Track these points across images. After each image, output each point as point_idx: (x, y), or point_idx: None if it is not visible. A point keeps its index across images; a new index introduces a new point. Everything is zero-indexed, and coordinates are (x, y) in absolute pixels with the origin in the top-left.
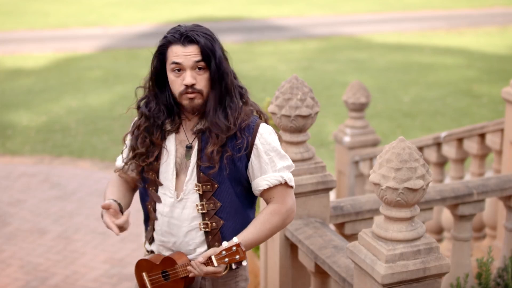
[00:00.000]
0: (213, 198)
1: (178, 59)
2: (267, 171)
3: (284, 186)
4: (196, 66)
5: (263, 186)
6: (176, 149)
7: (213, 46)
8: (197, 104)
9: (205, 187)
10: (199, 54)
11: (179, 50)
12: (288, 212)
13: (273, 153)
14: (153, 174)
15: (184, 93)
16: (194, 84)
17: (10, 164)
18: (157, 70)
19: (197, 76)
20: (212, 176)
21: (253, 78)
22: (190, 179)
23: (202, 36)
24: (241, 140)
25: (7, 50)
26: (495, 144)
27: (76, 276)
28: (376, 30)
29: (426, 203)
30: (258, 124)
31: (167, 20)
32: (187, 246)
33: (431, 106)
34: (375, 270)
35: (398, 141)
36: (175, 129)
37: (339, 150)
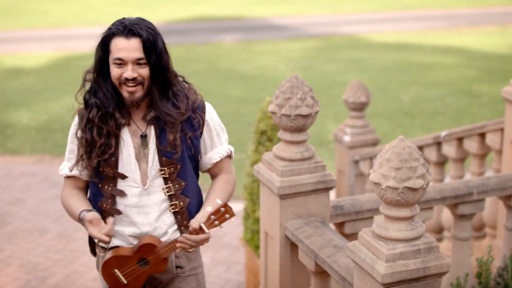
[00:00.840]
0: (177, 178)
1: (121, 54)
2: (216, 145)
3: (228, 157)
4: (137, 62)
5: (216, 158)
6: (132, 140)
7: (155, 40)
8: (137, 97)
9: (170, 169)
10: (141, 48)
11: (122, 43)
12: (234, 180)
13: (218, 127)
14: (111, 170)
15: (123, 83)
16: (136, 77)
17: (10, 163)
18: (101, 60)
19: (138, 69)
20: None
21: (253, 78)
22: (153, 165)
23: (145, 30)
24: (197, 120)
25: (7, 50)
26: (495, 143)
27: (76, 275)
28: (376, 29)
29: (426, 203)
30: (203, 103)
31: (167, 20)
32: (159, 230)
33: (431, 106)
34: (375, 270)
35: (398, 141)
36: (127, 122)
37: (339, 149)
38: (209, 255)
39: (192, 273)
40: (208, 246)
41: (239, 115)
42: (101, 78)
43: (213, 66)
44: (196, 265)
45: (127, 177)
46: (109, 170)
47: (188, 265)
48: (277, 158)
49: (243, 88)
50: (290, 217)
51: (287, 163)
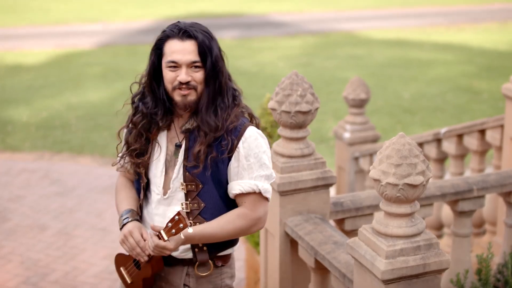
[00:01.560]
0: (197, 198)
1: (175, 56)
2: (243, 177)
3: (258, 195)
4: (192, 65)
5: (236, 190)
6: (167, 147)
7: (211, 44)
8: (190, 101)
9: (190, 186)
10: (196, 50)
11: (176, 45)
12: (255, 220)
13: (253, 160)
14: (143, 170)
15: (177, 88)
16: (189, 81)
17: (10, 160)
18: (154, 64)
19: (192, 73)
20: (196, 176)
21: (253, 74)
22: (177, 177)
23: (201, 33)
24: (226, 142)
25: (7, 46)
26: (495, 140)
27: (76, 272)
28: (375, 26)
29: (426, 199)
30: (245, 127)
31: (167, 17)
32: None
33: (431, 102)
34: (375, 266)
35: (398, 137)
36: (166, 126)
37: (339, 146)
38: None
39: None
40: None
41: None
42: (154, 83)
43: None
44: (211, 286)
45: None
46: (141, 170)
47: (197, 285)
48: (277, 155)
49: (243, 84)
50: (290, 214)
51: (287, 160)
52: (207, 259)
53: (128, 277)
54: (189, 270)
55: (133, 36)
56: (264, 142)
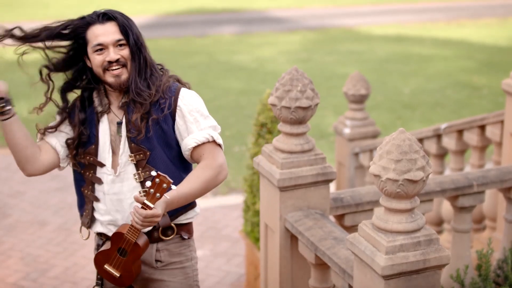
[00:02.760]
0: (147, 165)
1: (100, 39)
2: (194, 130)
3: (213, 144)
4: (117, 43)
5: (192, 144)
6: (110, 128)
7: (129, 23)
8: (123, 79)
9: (138, 156)
10: (118, 30)
11: (99, 29)
12: (219, 168)
13: (196, 113)
14: (91, 158)
15: (108, 68)
16: (119, 58)
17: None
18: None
19: (119, 51)
20: (141, 144)
21: (253, 70)
22: (124, 152)
23: (118, 14)
24: (164, 101)
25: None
26: (495, 135)
27: (76, 268)
28: (376, 21)
29: (426, 195)
30: (179, 87)
31: (167, 12)
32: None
33: (431, 98)
34: (375, 262)
35: (398, 133)
36: (106, 109)
37: (339, 141)
38: (209, 247)
39: (177, 267)
40: (208, 238)
41: (239, 108)
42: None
43: (213, 58)
44: (183, 258)
45: (105, 165)
46: (89, 158)
47: (169, 259)
48: (277, 150)
49: (243, 80)
50: (290, 209)
51: (287, 155)
52: (169, 223)
53: (115, 271)
54: (159, 246)
55: None
56: (201, 99)
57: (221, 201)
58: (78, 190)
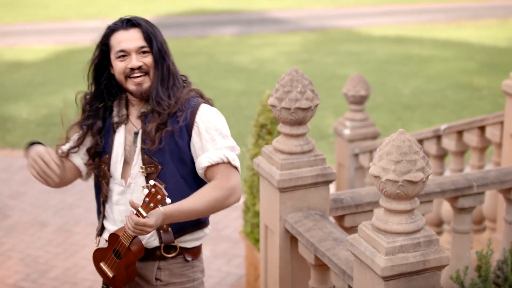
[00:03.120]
0: (158, 179)
1: (123, 45)
2: (209, 149)
3: (228, 165)
4: (140, 50)
5: (205, 163)
6: (126, 138)
7: (154, 30)
8: (145, 88)
9: (149, 169)
10: (142, 37)
11: (122, 36)
12: (231, 190)
13: (214, 132)
14: (105, 167)
15: (129, 76)
16: (141, 66)
17: (10, 156)
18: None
19: (142, 58)
20: (154, 156)
21: (253, 71)
22: (136, 163)
23: (143, 21)
24: (181, 113)
25: (7, 43)
26: (495, 136)
27: (76, 269)
28: (375, 22)
29: (426, 196)
30: (199, 103)
31: (167, 13)
32: None
33: (431, 99)
34: (375, 263)
35: (398, 134)
36: (123, 121)
37: (339, 142)
38: (209, 248)
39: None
40: (208, 239)
41: (239, 108)
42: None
43: (213, 59)
44: (184, 280)
45: (112, 176)
46: (103, 167)
47: (170, 279)
48: (277, 151)
49: (242, 81)
50: (290, 210)
51: (287, 156)
52: (172, 240)
53: (109, 270)
54: (160, 264)
55: None
56: (222, 118)
57: None
58: (97, 197)
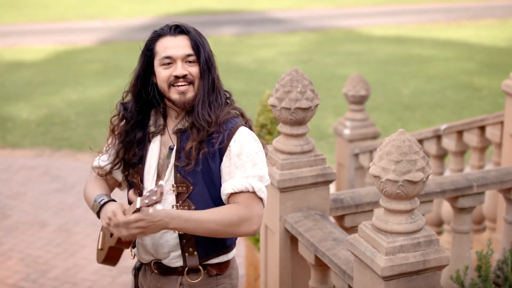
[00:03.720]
0: (188, 200)
1: (169, 52)
2: (236, 176)
3: (252, 195)
4: (187, 59)
5: (228, 190)
6: (160, 150)
7: (202, 39)
8: (189, 98)
9: (180, 188)
10: (189, 45)
11: (169, 42)
12: (248, 217)
13: (245, 158)
14: (137, 177)
15: (173, 84)
16: (186, 74)
17: (10, 156)
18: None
19: (188, 67)
20: (187, 175)
21: (253, 71)
22: (168, 180)
23: (192, 28)
24: (217, 135)
25: (7, 43)
26: (495, 136)
27: (76, 269)
28: (375, 22)
29: (426, 196)
30: (237, 126)
31: (167, 13)
32: (162, 249)
33: (431, 99)
34: (375, 263)
35: (398, 134)
36: (160, 131)
37: (339, 142)
38: None
39: None
40: None
41: None
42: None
43: None
44: None
45: (144, 188)
46: (135, 177)
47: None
48: (277, 151)
49: (242, 81)
50: (290, 210)
51: (287, 156)
52: (197, 265)
53: (101, 242)
54: (183, 280)
55: (133, 32)
56: (257, 144)
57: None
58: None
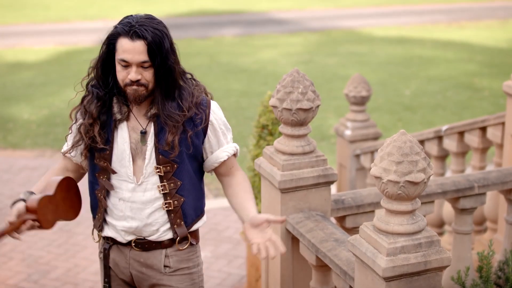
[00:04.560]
0: (173, 177)
1: (125, 55)
2: (223, 143)
3: (234, 156)
4: (142, 64)
5: (223, 157)
6: (130, 135)
7: (161, 42)
8: (141, 94)
9: (166, 168)
10: (146, 51)
11: (127, 45)
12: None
13: (223, 127)
14: (105, 163)
15: (128, 85)
16: (139, 79)
17: (11, 157)
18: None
19: (142, 71)
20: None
21: (254, 72)
22: (149, 163)
23: (151, 31)
24: (199, 115)
25: (8, 44)
26: (496, 137)
27: (78, 269)
28: (377, 23)
29: (427, 197)
30: (209, 101)
31: (168, 14)
32: (151, 227)
33: (432, 100)
34: (376, 263)
35: (399, 135)
36: (125, 117)
37: (340, 143)
38: (210, 249)
39: (185, 273)
40: (209, 240)
41: (240, 109)
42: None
43: (214, 60)
44: (191, 264)
45: (116, 172)
46: (102, 163)
47: (178, 265)
48: (278, 152)
49: (244, 82)
50: (291, 211)
51: (288, 157)
52: (186, 233)
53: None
54: (167, 251)
55: None
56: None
57: (222, 202)
58: (92, 192)
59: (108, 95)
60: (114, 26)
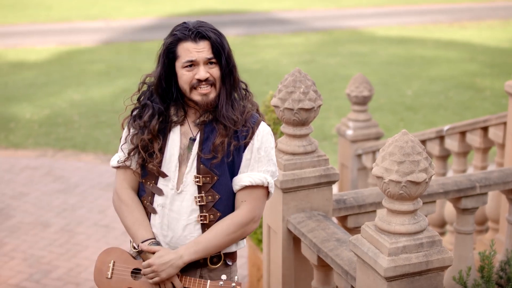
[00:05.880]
0: (212, 190)
1: (192, 55)
2: (254, 169)
3: (264, 190)
4: (208, 62)
5: (246, 182)
6: (180, 141)
7: (222, 41)
8: (211, 99)
9: (205, 179)
10: (210, 50)
11: (191, 46)
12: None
13: (263, 153)
14: (154, 166)
15: (196, 87)
16: (208, 77)
17: (13, 157)
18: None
19: (209, 70)
20: (213, 167)
21: (256, 72)
22: (190, 171)
23: (211, 31)
24: (246, 128)
25: (9, 43)
26: (498, 137)
27: (79, 269)
28: (378, 23)
29: (428, 196)
30: (259, 120)
31: (170, 14)
32: (185, 240)
33: (434, 100)
34: (377, 263)
35: (401, 134)
36: (180, 121)
37: (342, 143)
38: None
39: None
40: None
41: None
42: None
43: None
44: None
45: (167, 175)
46: (152, 167)
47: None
48: (279, 152)
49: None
50: (292, 211)
51: (290, 157)
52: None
53: (111, 273)
54: (202, 271)
55: (136, 33)
56: (273, 140)
57: None
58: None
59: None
60: (170, 34)
